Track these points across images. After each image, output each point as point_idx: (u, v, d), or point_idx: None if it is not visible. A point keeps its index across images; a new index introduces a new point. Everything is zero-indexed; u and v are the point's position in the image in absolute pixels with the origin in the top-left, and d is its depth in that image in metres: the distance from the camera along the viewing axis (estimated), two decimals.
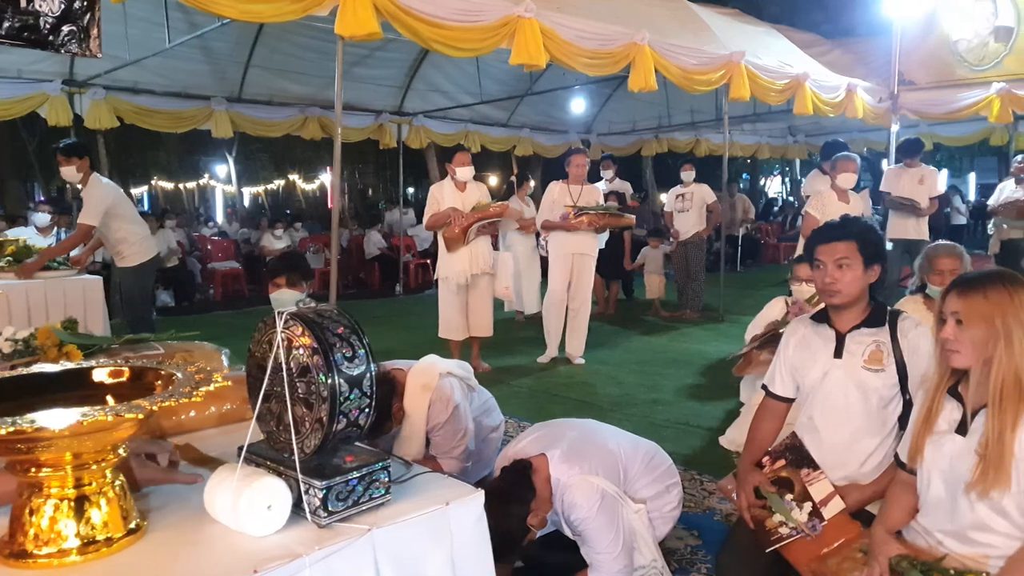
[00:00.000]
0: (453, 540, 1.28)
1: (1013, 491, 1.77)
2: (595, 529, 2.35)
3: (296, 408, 1.21)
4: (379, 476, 1.25)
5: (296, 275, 3.22)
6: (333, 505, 1.19)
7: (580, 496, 2.35)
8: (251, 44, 8.47)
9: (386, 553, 1.19)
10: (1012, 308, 1.78)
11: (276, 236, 11.57)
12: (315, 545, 1.13)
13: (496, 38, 5.46)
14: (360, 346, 1.23)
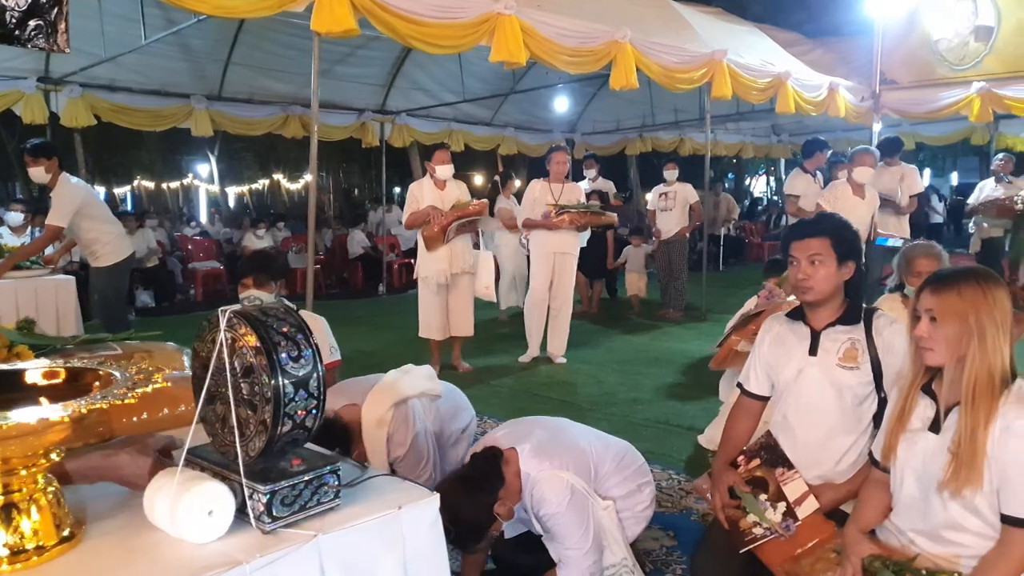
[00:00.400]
0: (406, 545, 1.24)
1: (985, 490, 1.76)
2: (564, 524, 2.32)
3: (240, 410, 1.17)
4: (328, 480, 1.21)
5: (264, 275, 3.14)
6: (278, 510, 1.15)
7: (550, 491, 2.32)
8: (231, 42, 8.39)
9: (334, 559, 1.15)
10: (985, 306, 1.76)
11: (258, 236, 11.48)
12: (257, 552, 1.09)
13: (475, 35, 5.41)
14: (306, 346, 1.19)
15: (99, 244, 5.42)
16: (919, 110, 9.23)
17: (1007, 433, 1.72)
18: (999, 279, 1.83)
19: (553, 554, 2.38)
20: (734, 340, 3.57)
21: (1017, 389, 1.76)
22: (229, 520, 1.14)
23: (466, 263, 5.72)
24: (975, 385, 1.74)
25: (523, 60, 5.56)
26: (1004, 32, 8.55)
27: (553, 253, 6.08)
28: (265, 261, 3.35)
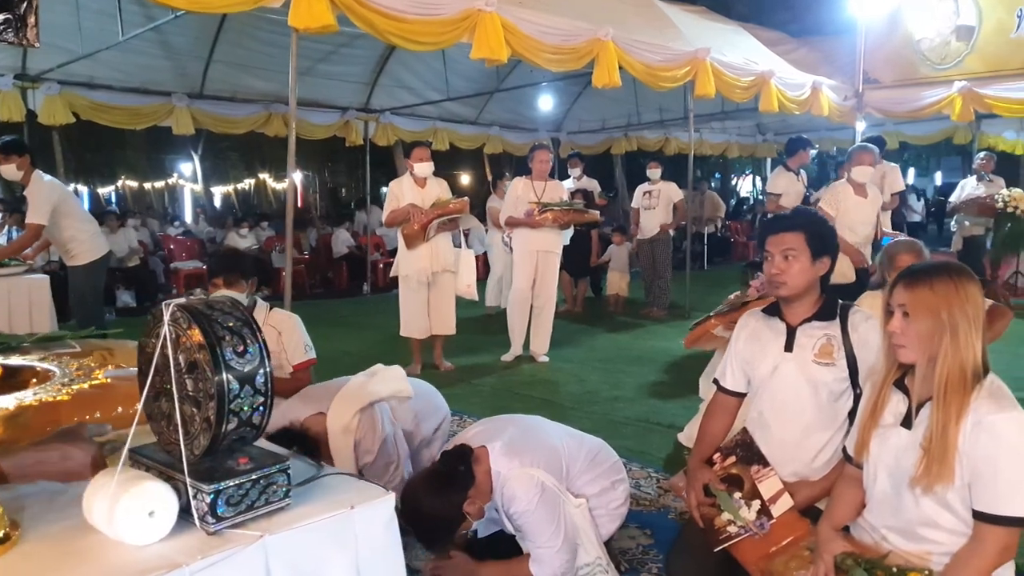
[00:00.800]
0: (359, 545, 1.20)
1: (957, 485, 1.74)
2: (535, 522, 2.30)
3: (184, 407, 1.13)
4: (277, 479, 1.17)
5: (234, 274, 3.08)
6: (223, 510, 1.11)
7: (520, 488, 2.29)
8: (212, 39, 8.32)
9: (281, 560, 1.11)
10: (958, 300, 1.74)
11: (241, 235, 11.40)
12: (199, 554, 1.05)
13: (456, 32, 5.38)
14: (253, 340, 1.15)
15: (75, 243, 5.35)
16: (902, 109, 9.27)
17: (978, 428, 1.70)
18: (972, 274, 1.82)
19: (526, 551, 2.35)
20: (712, 324, 3.53)
21: (988, 384, 1.75)
22: (171, 521, 1.10)
23: (447, 261, 5.68)
24: (947, 380, 1.73)
25: (504, 57, 5.53)
26: (985, 32, 8.60)
27: (536, 251, 6.05)
28: (235, 260, 3.27)
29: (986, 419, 1.69)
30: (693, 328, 3.76)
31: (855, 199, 5.49)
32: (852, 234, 5.40)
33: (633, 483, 3.45)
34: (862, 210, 5.57)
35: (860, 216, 5.53)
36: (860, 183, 5.56)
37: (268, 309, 3.24)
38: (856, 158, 5.55)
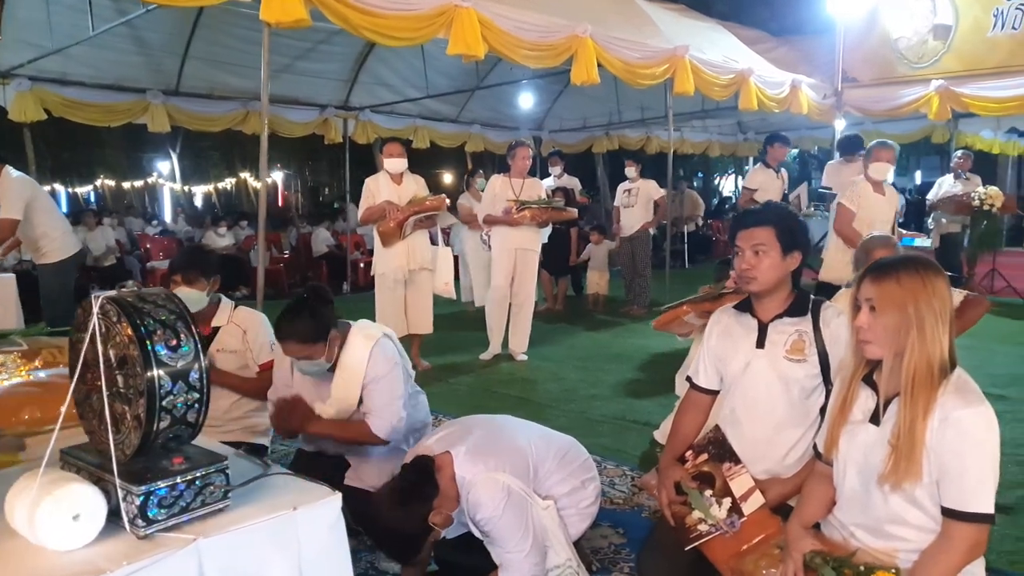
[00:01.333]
0: (301, 548, 1.16)
1: (925, 482, 1.72)
2: (502, 528, 2.25)
3: (115, 404, 1.08)
4: (214, 480, 1.12)
5: (193, 272, 2.98)
6: (154, 513, 1.06)
7: (485, 494, 2.25)
8: (188, 35, 8.20)
9: (215, 564, 1.06)
10: (924, 295, 1.72)
11: (219, 234, 11.29)
12: (124, 559, 1.00)
13: (432, 27, 5.33)
14: (187, 334, 1.10)
15: (47, 240, 5.26)
16: (880, 108, 9.31)
17: (945, 424, 1.68)
18: (939, 268, 1.80)
19: (495, 557, 2.31)
20: (684, 310, 3.48)
21: (955, 379, 1.72)
22: (98, 525, 1.05)
23: (424, 259, 5.63)
24: (914, 376, 1.70)
25: (481, 53, 5.49)
26: (962, 31, 8.66)
27: (514, 249, 6.01)
28: (196, 256, 3.18)
29: (953, 415, 1.67)
30: (664, 312, 3.68)
31: (875, 197, 5.24)
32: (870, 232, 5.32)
33: (608, 481, 3.42)
34: (881, 207, 5.30)
35: (879, 214, 5.23)
36: (878, 180, 5.28)
37: (233, 307, 3.17)
38: (875, 154, 5.27)
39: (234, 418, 3.11)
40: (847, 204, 5.19)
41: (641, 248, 8.13)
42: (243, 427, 3.13)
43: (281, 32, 6.17)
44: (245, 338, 3.08)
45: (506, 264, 6.02)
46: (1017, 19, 8.25)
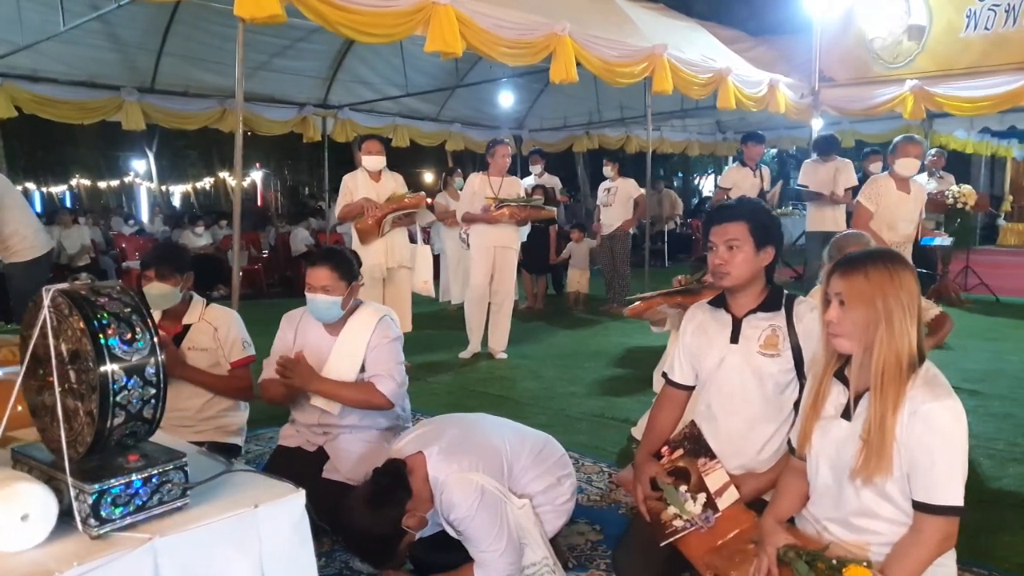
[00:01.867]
0: (263, 547, 1.13)
1: (896, 476, 1.73)
2: (477, 527, 2.24)
3: (67, 400, 1.05)
4: (172, 477, 1.09)
5: (167, 267, 2.95)
6: (108, 512, 1.03)
7: (458, 495, 2.23)
8: (163, 32, 8.11)
9: (173, 564, 1.03)
10: (892, 288, 1.72)
11: (197, 234, 11.17)
12: (75, 560, 0.97)
13: (410, 24, 5.29)
14: (143, 328, 1.07)
15: (17, 238, 5.16)
16: (856, 107, 9.39)
17: (914, 418, 1.68)
18: (907, 262, 1.80)
19: (472, 555, 2.29)
20: (658, 301, 3.47)
21: (924, 372, 1.73)
22: (48, 525, 1.02)
23: (403, 257, 5.59)
24: (883, 370, 1.70)
25: (459, 50, 5.46)
26: (935, 32, 8.75)
27: (493, 247, 5.99)
28: (168, 252, 3.13)
29: (922, 408, 1.67)
30: (638, 301, 3.67)
31: (897, 194, 4.94)
32: (891, 232, 4.91)
33: (585, 478, 3.41)
34: (904, 206, 5.02)
35: (902, 212, 4.99)
36: (904, 177, 4.99)
37: (204, 305, 3.13)
38: (902, 149, 4.96)
39: (206, 417, 3.07)
40: (865, 203, 4.93)
41: (620, 247, 8.15)
42: (215, 427, 3.08)
43: (258, 29, 6.10)
44: (216, 335, 3.04)
45: (485, 262, 6.00)
46: (990, 20, 8.35)
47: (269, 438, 3.82)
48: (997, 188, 17.18)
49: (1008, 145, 16.39)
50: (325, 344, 2.87)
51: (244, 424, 3.26)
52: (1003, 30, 8.26)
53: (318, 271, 2.76)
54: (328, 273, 2.75)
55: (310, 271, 2.80)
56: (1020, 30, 8.14)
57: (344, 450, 2.82)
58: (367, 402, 2.79)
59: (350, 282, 2.81)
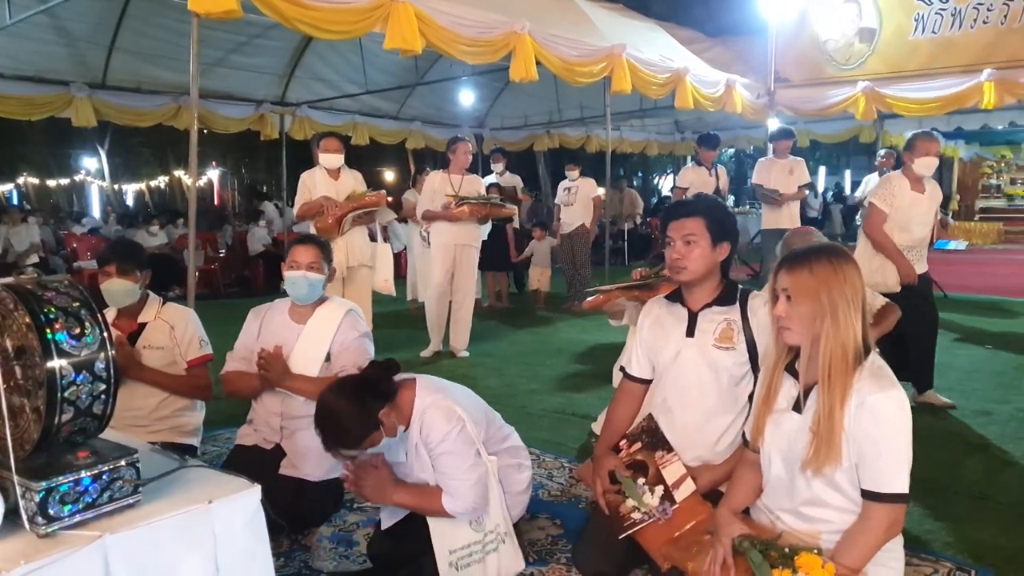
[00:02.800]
0: (217, 543, 1.12)
1: (845, 466, 1.77)
2: (453, 451, 2.29)
3: (12, 397, 1.03)
4: (123, 474, 1.08)
5: (128, 264, 2.90)
6: (56, 510, 1.01)
7: (441, 419, 2.29)
8: (114, 26, 7.92)
9: (123, 562, 1.02)
10: (836, 283, 1.77)
11: (151, 233, 10.92)
12: (22, 559, 0.95)
13: (368, 21, 5.26)
14: (92, 323, 1.05)
15: None
16: (810, 108, 9.59)
17: (861, 409, 1.73)
18: (850, 257, 1.85)
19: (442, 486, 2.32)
20: (616, 294, 3.50)
21: (870, 364, 1.78)
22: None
23: (363, 256, 5.54)
24: (830, 363, 1.75)
25: (419, 48, 5.45)
26: (886, 34, 8.99)
27: (454, 245, 5.98)
28: (129, 247, 3.09)
29: (868, 399, 1.72)
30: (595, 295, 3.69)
31: (911, 195, 4.49)
32: (904, 234, 4.47)
33: (546, 474, 3.44)
34: (918, 207, 4.55)
35: (915, 214, 4.52)
36: (919, 176, 4.53)
37: (161, 303, 3.08)
38: (921, 146, 4.48)
39: (161, 417, 3.02)
40: (879, 204, 4.49)
41: (581, 245, 8.21)
42: (170, 427, 3.03)
43: (213, 25, 6.01)
44: (173, 334, 2.99)
45: (445, 260, 5.99)
46: (937, 24, 8.60)
47: (226, 439, 3.76)
48: (945, 188, 17.58)
49: (955, 146, 16.91)
50: (291, 333, 2.88)
51: (200, 424, 3.21)
52: (949, 34, 8.51)
53: (306, 248, 2.85)
54: (315, 252, 2.85)
55: (296, 248, 2.88)
56: (966, 34, 8.40)
57: (302, 446, 2.80)
58: None
59: (329, 265, 2.92)
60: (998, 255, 14.72)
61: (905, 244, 4.45)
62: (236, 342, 3.00)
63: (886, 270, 4.37)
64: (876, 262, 4.39)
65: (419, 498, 2.34)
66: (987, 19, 8.22)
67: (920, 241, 4.59)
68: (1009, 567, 2.53)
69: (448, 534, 2.33)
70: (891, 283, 4.37)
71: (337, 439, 2.22)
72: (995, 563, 2.55)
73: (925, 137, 4.57)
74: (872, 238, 4.44)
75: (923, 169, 4.51)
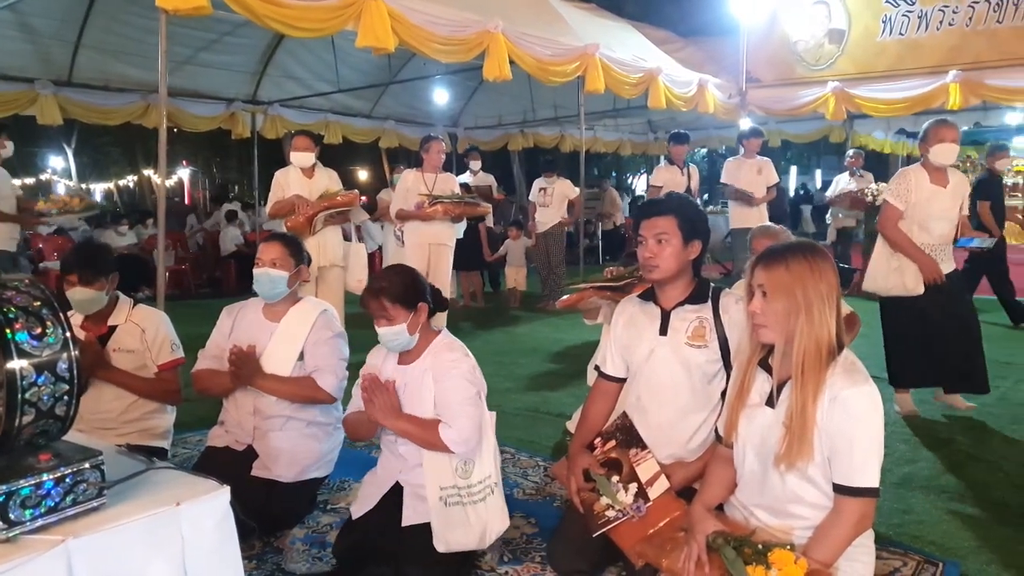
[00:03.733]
0: (185, 545, 1.10)
1: (817, 460, 1.79)
2: (460, 380, 2.38)
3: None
4: (87, 477, 1.05)
5: (90, 271, 2.80)
6: (17, 514, 0.99)
7: (457, 349, 2.48)
8: (80, 22, 7.79)
9: (87, 566, 1.00)
10: (812, 280, 1.79)
11: (120, 233, 10.75)
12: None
13: (340, 19, 5.22)
14: (54, 322, 1.03)
15: None
16: (781, 108, 9.70)
17: (834, 404, 1.75)
18: (826, 254, 1.87)
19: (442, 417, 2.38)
20: (589, 293, 3.52)
21: (843, 360, 1.80)
22: None
23: (336, 256, 5.50)
24: (804, 358, 1.77)
25: (391, 46, 5.42)
26: (854, 36, 9.12)
27: (428, 244, 5.97)
28: (91, 253, 2.96)
29: (841, 394, 1.74)
30: (570, 293, 3.70)
31: (931, 188, 4.07)
32: (924, 233, 4.09)
33: (520, 472, 3.44)
34: (939, 202, 4.11)
35: (936, 209, 4.09)
36: (939, 167, 4.10)
37: (132, 305, 3.02)
38: (934, 134, 4.06)
39: (130, 420, 2.97)
40: (892, 201, 4.12)
41: (555, 245, 8.23)
42: (139, 430, 2.98)
43: (182, 21, 5.93)
44: (143, 337, 2.94)
45: (419, 259, 5.96)
46: (904, 26, 8.74)
47: (197, 441, 3.71)
48: None
49: None
50: (264, 332, 2.86)
51: (170, 427, 3.16)
52: (916, 36, 8.66)
53: (269, 245, 2.85)
54: (280, 248, 2.83)
55: (261, 246, 2.88)
56: (932, 36, 8.55)
57: (274, 447, 2.78)
58: (310, 398, 2.83)
59: (298, 263, 2.87)
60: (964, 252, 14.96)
61: (926, 243, 4.08)
62: (208, 340, 2.96)
63: (905, 270, 4.05)
64: (895, 262, 4.09)
65: (420, 426, 2.38)
66: (952, 21, 8.37)
67: (942, 239, 4.17)
68: (975, 559, 2.57)
69: (440, 470, 2.39)
70: (910, 284, 4.06)
71: (383, 288, 2.38)
72: (962, 555, 2.60)
73: (938, 124, 4.14)
74: (887, 236, 4.13)
75: (940, 158, 4.08)
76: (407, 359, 2.48)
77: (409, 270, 2.53)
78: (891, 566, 2.49)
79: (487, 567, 2.52)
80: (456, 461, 2.38)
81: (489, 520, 2.41)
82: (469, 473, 2.41)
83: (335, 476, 3.12)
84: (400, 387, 2.45)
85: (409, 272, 2.50)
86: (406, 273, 2.48)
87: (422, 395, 2.41)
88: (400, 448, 2.46)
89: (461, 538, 2.36)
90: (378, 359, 2.58)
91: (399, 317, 2.38)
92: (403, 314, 2.38)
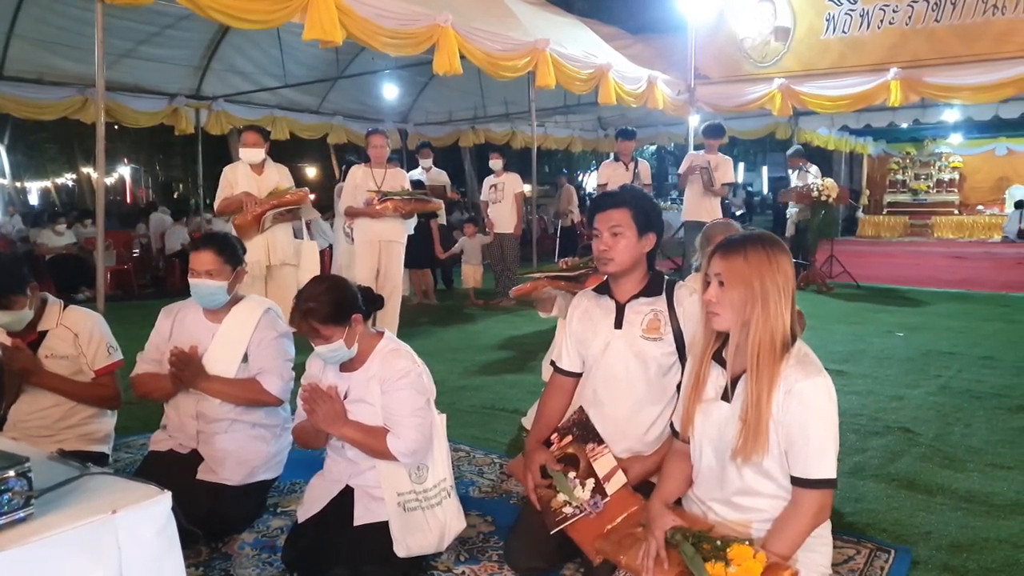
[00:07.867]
0: (123, 555, 1.03)
1: (774, 453, 1.79)
2: (407, 390, 2.32)
3: None
4: (12, 486, 0.98)
5: (5, 293, 2.59)
6: None
7: (404, 357, 2.38)
8: (12, 12, 7.49)
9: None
10: (769, 271, 1.78)
11: (58, 232, 10.34)
12: None
13: (287, 11, 5.13)
14: None
15: None
16: (729, 104, 9.85)
17: (789, 396, 1.75)
18: (784, 246, 1.87)
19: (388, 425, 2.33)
20: (543, 283, 3.49)
21: (796, 352, 1.80)
22: None
23: (286, 254, 5.39)
24: (759, 350, 1.76)
25: (339, 39, 5.33)
26: (799, 33, 9.31)
27: (378, 241, 5.86)
28: (3, 273, 2.66)
29: (795, 387, 1.74)
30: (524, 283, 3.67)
31: None
32: None
33: (476, 470, 3.40)
34: None
35: None
36: None
37: (62, 308, 2.85)
38: None
39: (68, 426, 2.83)
40: None
41: (510, 241, 8.19)
42: (78, 435, 2.85)
43: (121, 13, 5.74)
44: (77, 342, 2.79)
45: (369, 257, 5.86)
46: (847, 24, 8.96)
47: (141, 445, 3.57)
48: (856, 183, 18.46)
49: (864, 143, 17.69)
50: (205, 332, 2.75)
51: (111, 431, 3.03)
52: (858, 34, 8.88)
53: (201, 255, 2.69)
54: (212, 257, 2.68)
55: (193, 255, 2.74)
56: (873, 34, 8.77)
57: (220, 450, 2.69)
58: (256, 401, 2.74)
59: (235, 267, 2.76)
60: (904, 247, 15.46)
61: None
62: (147, 343, 2.84)
63: None
64: None
65: (366, 434, 2.33)
66: (892, 20, 8.60)
67: None
68: (925, 545, 2.62)
69: (395, 475, 2.35)
70: None
71: (311, 309, 2.25)
72: (913, 541, 2.64)
73: None
74: None
75: None
76: (350, 367, 2.40)
77: (334, 282, 2.39)
78: (844, 554, 2.52)
79: (443, 567, 2.48)
80: (409, 467, 2.34)
81: (447, 522, 2.38)
82: (424, 478, 2.37)
83: (285, 478, 3.03)
84: (343, 393, 2.39)
85: (334, 285, 2.36)
86: (332, 288, 2.33)
87: (367, 402, 2.35)
88: (349, 452, 2.40)
89: (421, 541, 2.33)
90: (317, 368, 2.49)
91: (334, 335, 2.29)
92: (337, 331, 2.29)
